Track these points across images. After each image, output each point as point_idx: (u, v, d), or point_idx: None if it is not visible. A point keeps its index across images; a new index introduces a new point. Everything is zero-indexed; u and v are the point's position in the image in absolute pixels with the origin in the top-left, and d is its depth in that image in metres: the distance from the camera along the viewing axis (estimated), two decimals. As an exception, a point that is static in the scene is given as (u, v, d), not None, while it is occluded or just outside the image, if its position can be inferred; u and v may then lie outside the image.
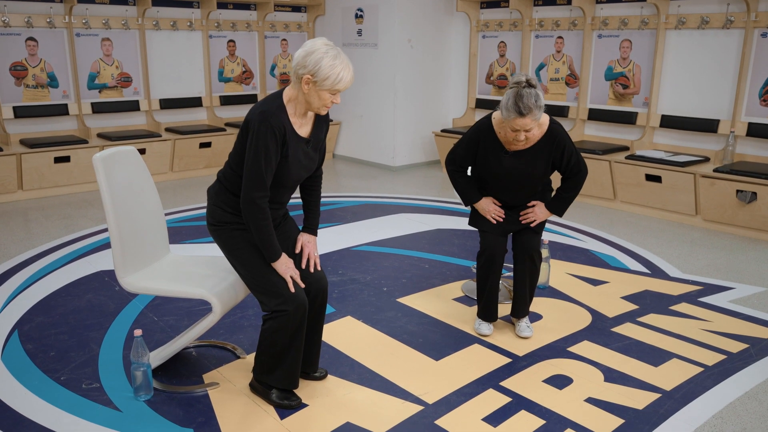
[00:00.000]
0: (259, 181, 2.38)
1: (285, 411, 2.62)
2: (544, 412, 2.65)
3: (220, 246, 2.61)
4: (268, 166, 2.38)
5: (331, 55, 2.33)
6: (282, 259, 2.49)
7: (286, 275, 2.49)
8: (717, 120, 5.56)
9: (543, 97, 2.83)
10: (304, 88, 2.37)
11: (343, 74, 2.34)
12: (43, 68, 6.40)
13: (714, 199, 5.16)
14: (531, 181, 3.13)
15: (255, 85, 7.98)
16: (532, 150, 3.03)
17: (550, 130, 3.02)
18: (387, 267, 4.30)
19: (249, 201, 2.40)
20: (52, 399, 2.69)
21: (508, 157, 3.06)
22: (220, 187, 2.59)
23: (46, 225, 5.19)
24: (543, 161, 3.05)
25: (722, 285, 4.03)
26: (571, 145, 3.06)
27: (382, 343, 3.24)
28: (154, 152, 6.66)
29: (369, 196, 6.27)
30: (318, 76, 2.32)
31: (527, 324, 3.31)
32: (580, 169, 3.10)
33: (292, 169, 2.48)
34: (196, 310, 3.56)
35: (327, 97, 2.38)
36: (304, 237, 2.70)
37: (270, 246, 2.45)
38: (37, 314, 3.51)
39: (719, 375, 2.95)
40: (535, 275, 3.25)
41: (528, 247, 3.16)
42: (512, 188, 3.16)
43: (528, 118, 2.81)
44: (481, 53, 7.43)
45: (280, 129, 2.38)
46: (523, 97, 2.78)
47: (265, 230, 2.43)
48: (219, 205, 2.58)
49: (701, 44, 5.62)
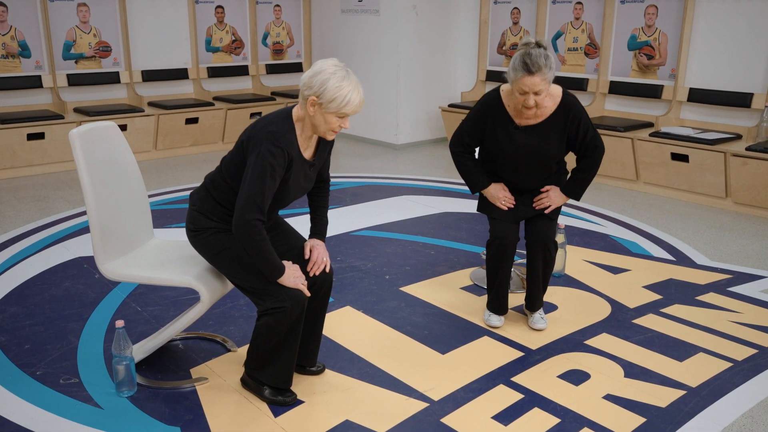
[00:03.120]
0: (259, 203, 2.38)
1: (279, 408, 2.64)
2: (559, 409, 2.66)
3: (201, 251, 2.62)
4: (270, 189, 2.40)
5: (339, 77, 2.35)
6: (287, 273, 2.49)
7: (297, 287, 2.50)
8: (750, 94, 5.53)
9: (554, 60, 2.84)
10: (309, 110, 2.41)
11: (351, 96, 2.36)
12: (13, 36, 6.38)
13: (746, 180, 5.14)
14: (544, 160, 3.12)
15: (245, 56, 7.95)
16: (545, 124, 3.02)
17: (564, 102, 3.01)
18: (389, 253, 4.31)
19: (244, 223, 2.39)
20: (27, 395, 2.71)
21: (518, 132, 3.04)
22: (206, 194, 2.61)
23: (18, 208, 5.20)
24: (557, 136, 3.04)
25: (754, 273, 4.04)
26: (587, 118, 3.06)
27: (384, 335, 3.25)
28: (136, 128, 6.65)
29: (370, 177, 6.26)
30: (323, 98, 2.35)
31: (541, 315, 3.32)
32: (596, 145, 3.09)
33: (290, 191, 2.52)
34: (182, 299, 3.58)
35: (334, 121, 2.41)
36: (313, 242, 2.70)
37: (271, 264, 2.45)
38: (10, 304, 3.52)
39: (749, 371, 2.96)
40: (550, 265, 3.25)
41: (542, 236, 3.15)
42: (524, 169, 3.15)
43: (537, 77, 2.81)
44: (493, 21, 7.38)
45: (289, 152, 2.41)
46: (531, 55, 2.81)
47: (264, 250, 2.42)
48: (203, 213, 2.60)
49: (734, 10, 5.58)
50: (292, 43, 8.33)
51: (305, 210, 2.90)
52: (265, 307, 2.51)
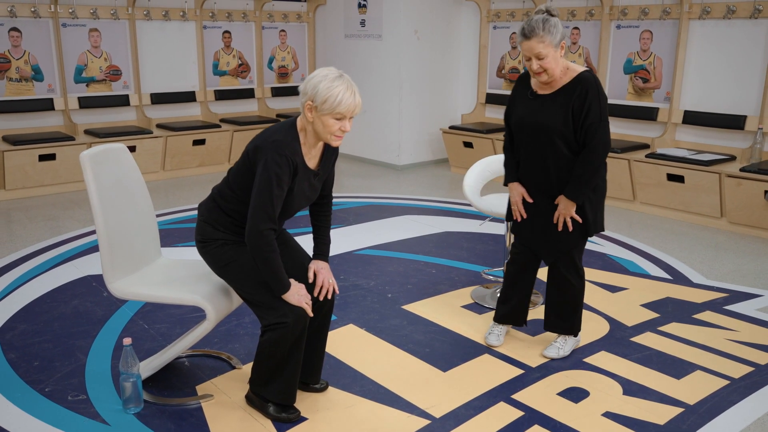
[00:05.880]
0: (269, 212, 2.39)
1: (283, 425, 2.62)
2: (559, 427, 2.64)
3: (209, 262, 2.62)
4: (278, 197, 2.41)
5: (330, 78, 2.37)
6: (292, 290, 2.49)
7: (300, 305, 2.49)
8: (744, 116, 5.54)
9: (561, 27, 2.80)
10: (308, 117, 2.42)
11: (343, 96, 2.36)
12: (27, 60, 6.43)
13: (740, 200, 5.14)
14: (549, 136, 2.91)
15: (252, 79, 8.00)
16: (555, 95, 2.91)
17: (580, 76, 2.88)
18: (392, 272, 4.30)
19: (256, 233, 2.40)
20: (35, 412, 2.69)
21: (532, 101, 2.97)
22: (213, 205, 2.61)
23: (29, 227, 5.21)
24: (562, 109, 2.87)
25: (749, 292, 4.02)
26: (597, 101, 2.83)
27: (387, 352, 3.24)
28: (144, 150, 6.67)
29: (373, 197, 6.27)
30: (317, 100, 2.37)
31: (558, 344, 3.20)
32: (595, 136, 2.84)
33: (295, 200, 2.52)
34: (189, 317, 3.57)
35: (332, 123, 2.41)
36: (317, 264, 2.69)
37: (278, 279, 2.46)
38: (20, 321, 3.51)
39: (746, 388, 2.94)
40: (560, 291, 3.12)
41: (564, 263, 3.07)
42: (533, 152, 2.99)
43: (534, 41, 2.78)
44: (492, 45, 7.43)
45: (293, 161, 2.42)
46: (531, 20, 2.81)
47: (273, 263, 2.43)
48: (210, 223, 2.60)
49: (727, 35, 5.61)
50: (297, 67, 8.38)
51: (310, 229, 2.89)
52: (268, 322, 2.50)
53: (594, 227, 3.02)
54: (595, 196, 2.99)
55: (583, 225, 3.00)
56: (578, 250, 3.08)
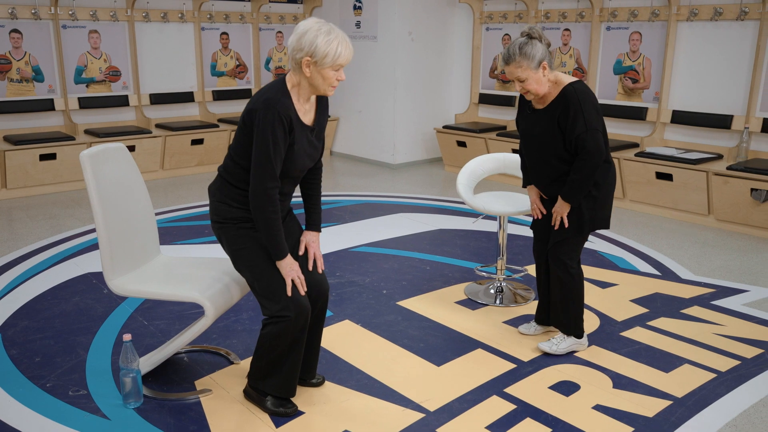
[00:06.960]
0: (269, 170, 2.38)
1: (280, 419, 2.62)
2: (551, 419, 2.66)
3: (224, 245, 2.60)
4: (277, 154, 2.39)
5: (325, 31, 2.36)
6: (287, 260, 2.48)
7: (289, 278, 2.48)
8: (730, 116, 5.56)
9: (540, 49, 2.85)
10: (305, 72, 2.39)
11: (341, 48, 2.37)
12: (27, 62, 6.41)
13: (727, 198, 5.16)
14: (543, 149, 3.00)
15: (249, 80, 7.98)
16: (545, 110, 2.97)
17: (563, 90, 2.91)
18: (387, 269, 4.31)
19: (260, 192, 2.39)
20: (37, 407, 2.69)
21: (530, 116, 3.05)
22: (222, 182, 2.58)
23: (31, 225, 5.19)
24: (551, 124, 2.93)
25: (736, 287, 4.04)
26: (580, 111, 2.85)
27: (382, 348, 3.25)
28: (143, 149, 6.66)
29: (368, 195, 6.27)
30: (317, 56, 2.35)
31: (555, 340, 3.19)
32: (584, 146, 2.86)
33: (297, 158, 2.48)
34: (187, 313, 3.57)
35: (331, 75, 2.40)
36: (308, 236, 2.69)
37: (277, 243, 2.45)
38: (21, 318, 3.51)
39: (733, 381, 2.95)
40: (559, 286, 3.13)
41: (552, 256, 3.13)
42: (536, 161, 3.10)
43: (512, 66, 2.86)
44: (485, 46, 7.43)
45: (286, 116, 2.39)
46: (510, 46, 2.88)
47: (274, 225, 2.43)
48: (224, 201, 2.56)
49: (714, 37, 5.63)
50: (294, 68, 8.36)
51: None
52: (270, 313, 2.50)
53: (591, 224, 3.05)
54: (599, 194, 3.01)
55: (576, 221, 3.03)
56: (569, 248, 3.09)
